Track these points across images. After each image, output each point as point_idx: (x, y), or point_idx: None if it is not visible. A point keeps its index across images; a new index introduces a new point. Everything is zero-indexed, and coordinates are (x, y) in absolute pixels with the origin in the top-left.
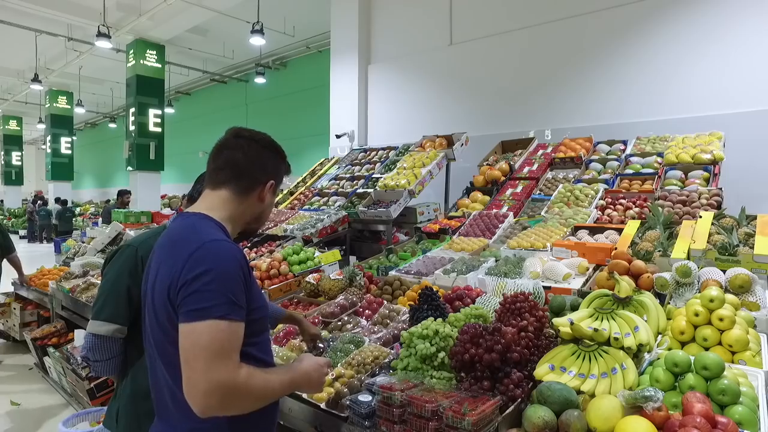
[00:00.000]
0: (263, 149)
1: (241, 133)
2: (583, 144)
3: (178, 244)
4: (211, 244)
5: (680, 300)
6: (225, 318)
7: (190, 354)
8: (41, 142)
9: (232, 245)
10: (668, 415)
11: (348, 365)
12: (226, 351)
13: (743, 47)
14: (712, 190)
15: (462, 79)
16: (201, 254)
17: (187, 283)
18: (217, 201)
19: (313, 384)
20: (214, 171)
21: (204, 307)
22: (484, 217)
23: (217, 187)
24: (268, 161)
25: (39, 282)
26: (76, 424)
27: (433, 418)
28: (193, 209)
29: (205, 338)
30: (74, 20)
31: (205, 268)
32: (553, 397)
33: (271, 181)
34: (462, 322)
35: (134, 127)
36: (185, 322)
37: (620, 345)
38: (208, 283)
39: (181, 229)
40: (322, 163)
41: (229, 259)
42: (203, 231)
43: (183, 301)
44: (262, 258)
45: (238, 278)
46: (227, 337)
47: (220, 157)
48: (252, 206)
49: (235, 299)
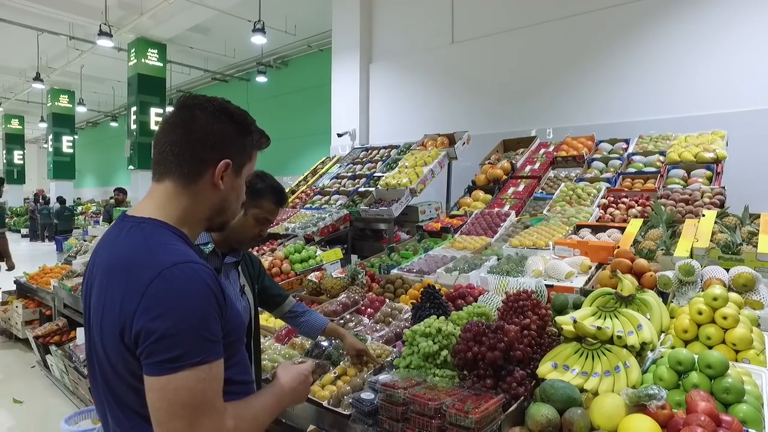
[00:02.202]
0: (212, 121)
1: (186, 102)
2: (585, 143)
3: (129, 269)
4: (171, 271)
5: (683, 298)
6: (203, 363)
7: (167, 416)
8: (43, 141)
9: (197, 266)
10: (672, 413)
11: (350, 363)
12: (209, 402)
13: (746, 46)
14: (714, 189)
15: (463, 78)
16: (160, 288)
17: (148, 327)
18: (163, 197)
19: (301, 396)
20: (155, 156)
21: (176, 355)
22: (486, 215)
23: (160, 178)
24: (219, 135)
25: (41, 280)
26: (78, 422)
27: (436, 415)
28: (139, 209)
29: (183, 393)
30: (76, 19)
31: (168, 308)
32: (556, 395)
33: (225, 161)
34: (464, 321)
35: (135, 126)
36: (155, 376)
37: (623, 343)
38: (175, 325)
39: (130, 245)
40: (324, 161)
41: (196, 291)
42: (159, 249)
43: (147, 350)
44: (263, 256)
45: (211, 309)
46: (209, 386)
47: (161, 139)
48: (206, 197)
49: (211, 336)
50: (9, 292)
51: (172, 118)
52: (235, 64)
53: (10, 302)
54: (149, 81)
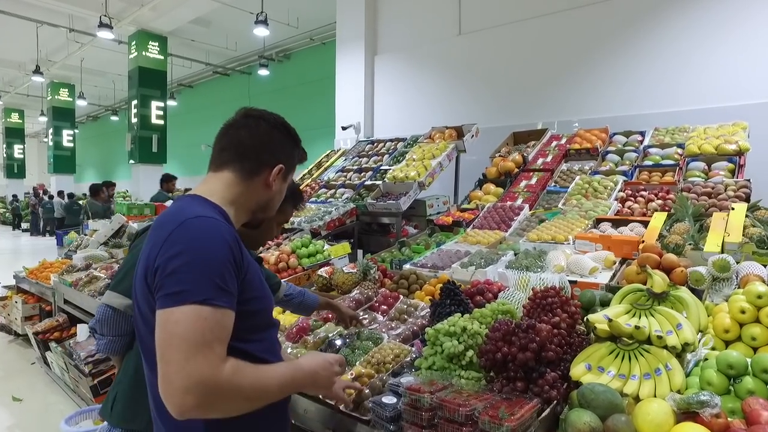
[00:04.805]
0: (273, 129)
1: (251, 113)
2: (599, 135)
3: (161, 224)
4: (194, 221)
5: (717, 296)
6: (207, 303)
7: (166, 345)
8: (43, 135)
9: (221, 223)
10: (728, 422)
11: (367, 364)
12: (207, 341)
13: (763, 36)
14: (739, 182)
15: (471, 70)
16: (181, 232)
17: (164, 264)
18: (218, 184)
19: (321, 384)
20: (217, 152)
21: (183, 290)
22: (499, 209)
23: (219, 168)
24: (278, 143)
25: (41, 275)
26: (79, 422)
27: (467, 422)
28: (191, 192)
29: (182, 326)
30: (76, 11)
31: (184, 247)
32: (597, 400)
33: (280, 165)
34: (489, 318)
35: (136, 119)
36: (161, 308)
37: (663, 344)
38: (187, 263)
39: (169, 210)
40: (329, 155)
41: (213, 237)
42: (189, 210)
43: (160, 284)
44: (270, 251)
45: (225, 260)
46: (210, 326)
47: (225, 137)
48: (257, 192)
49: (221, 283)
50: (9, 287)
51: (238, 123)
52: (237, 57)
53: (9, 297)
54: (150, 74)
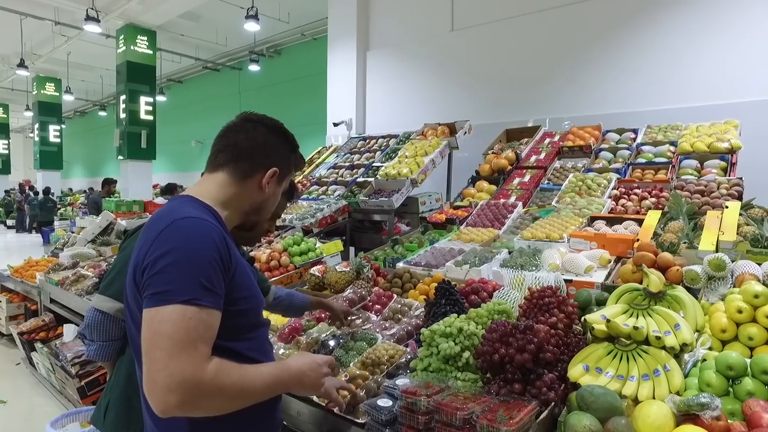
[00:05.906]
0: (270, 133)
1: (250, 117)
2: (592, 132)
3: (153, 224)
4: (183, 221)
5: (713, 295)
6: (192, 303)
7: (150, 344)
8: (29, 131)
9: (209, 223)
10: (728, 425)
11: (362, 365)
12: (191, 340)
13: (754, 34)
14: (731, 180)
15: (463, 67)
16: (169, 232)
17: (152, 263)
18: (212, 185)
19: (308, 384)
20: (214, 154)
21: (168, 289)
22: (492, 206)
23: (214, 170)
24: (273, 146)
25: (26, 273)
26: (65, 424)
27: (465, 426)
28: (187, 191)
29: (167, 325)
30: (61, 3)
31: (172, 246)
32: (596, 402)
33: (274, 168)
34: (485, 319)
35: (125, 115)
36: (147, 307)
37: (662, 344)
38: (174, 263)
39: (162, 210)
40: (320, 151)
41: (201, 238)
42: (180, 210)
43: (147, 283)
44: (261, 249)
45: (212, 260)
46: (194, 325)
47: (222, 139)
48: (251, 194)
49: (207, 283)
50: None
51: (236, 126)
52: (227, 52)
53: None
54: (139, 69)
